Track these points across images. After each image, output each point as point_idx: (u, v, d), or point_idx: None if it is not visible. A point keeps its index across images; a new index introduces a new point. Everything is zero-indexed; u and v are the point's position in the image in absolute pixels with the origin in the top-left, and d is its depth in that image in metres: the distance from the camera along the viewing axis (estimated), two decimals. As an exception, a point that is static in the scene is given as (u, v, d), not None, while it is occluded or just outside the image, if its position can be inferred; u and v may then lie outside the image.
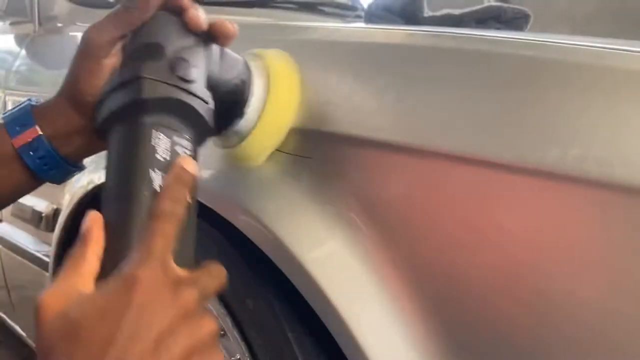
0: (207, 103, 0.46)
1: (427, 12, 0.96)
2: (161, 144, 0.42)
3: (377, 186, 0.53)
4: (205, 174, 0.65)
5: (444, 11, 0.95)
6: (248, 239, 0.60)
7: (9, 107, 1.15)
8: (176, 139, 0.43)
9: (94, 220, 0.40)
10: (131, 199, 0.40)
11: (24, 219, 1.12)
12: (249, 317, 0.62)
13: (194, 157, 0.45)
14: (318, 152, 0.57)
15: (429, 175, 0.49)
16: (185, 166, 0.41)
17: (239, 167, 0.63)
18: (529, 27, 0.99)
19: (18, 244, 1.17)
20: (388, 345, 0.52)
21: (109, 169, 0.43)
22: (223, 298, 0.65)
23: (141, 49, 0.46)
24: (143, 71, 0.44)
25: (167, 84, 0.44)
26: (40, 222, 1.07)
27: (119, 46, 0.47)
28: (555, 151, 0.42)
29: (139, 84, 0.43)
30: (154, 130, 0.43)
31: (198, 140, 0.46)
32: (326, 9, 1.45)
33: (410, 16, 0.95)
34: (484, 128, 0.46)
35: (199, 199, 0.65)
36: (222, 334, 0.69)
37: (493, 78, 0.48)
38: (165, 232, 0.38)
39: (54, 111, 0.50)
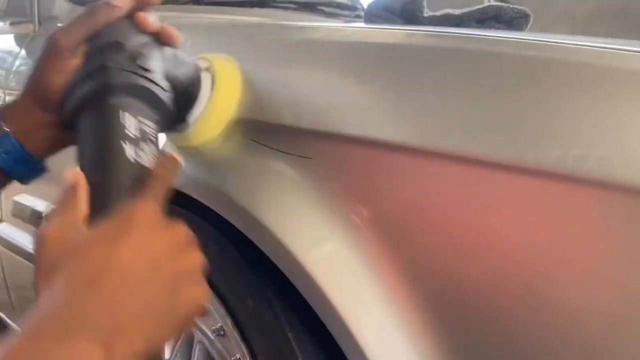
0: (166, 91, 0.52)
1: (427, 12, 0.96)
2: (129, 122, 0.48)
3: (377, 186, 0.53)
4: (205, 174, 0.65)
5: (444, 11, 0.94)
6: (248, 239, 0.60)
7: (9, 107, 1.15)
8: (141, 119, 0.49)
9: (78, 174, 0.43)
10: (108, 166, 0.46)
11: (24, 219, 1.12)
12: (249, 317, 0.62)
13: (157, 139, 0.51)
14: (318, 152, 0.57)
15: (429, 175, 0.49)
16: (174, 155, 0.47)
17: (239, 167, 0.63)
18: (529, 27, 0.99)
19: (18, 244, 1.17)
20: (388, 345, 0.52)
21: (83, 147, 0.48)
22: (223, 298, 0.65)
23: (103, 46, 0.51)
24: (107, 61, 0.49)
25: (130, 71, 0.50)
26: (40, 222, 1.07)
27: (82, 48, 0.51)
28: (556, 151, 0.42)
29: (105, 71, 0.49)
30: (121, 111, 0.48)
31: (161, 125, 0.51)
32: (326, 9, 1.45)
33: (410, 16, 0.95)
34: (484, 128, 0.46)
35: (200, 199, 0.65)
36: (222, 334, 0.69)
37: (493, 78, 0.48)
38: (158, 187, 0.44)
39: (19, 109, 0.53)
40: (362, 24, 1.11)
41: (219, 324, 0.69)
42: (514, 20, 0.96)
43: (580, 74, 0.44)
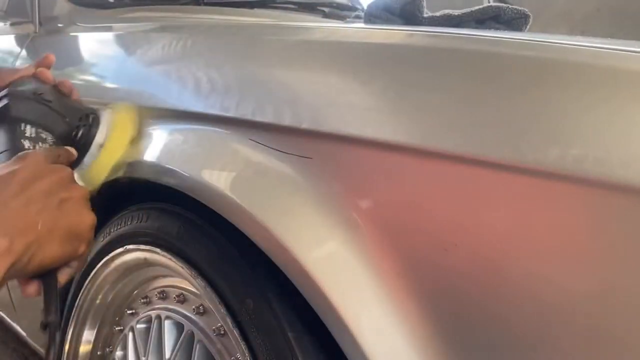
0: (64, 116, 0.69)
1: (427, 13, 0.96)
2: (29, 130, 0.65)
3: (377, 186, 0.53)
4: (205, 175, 0.65)
5: (444, 11, 0.95)
6: (248, 239, 0.60)
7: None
8: (39, 130, 0.66)
9: None
10: (14, 146, 0.63)
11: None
12: (249, 317, 0.62)
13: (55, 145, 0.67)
14: (318, 152, 0.57)
15: (429, 175, 0.49)
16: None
17: (239, 167, 0.64)
18: (528, 27, 0.99)
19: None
20: (388, 345, 0.52)
21: None
22: (223, 298, 0.65)
23: (12, 89, 0.69)
24: (14, 91, 0.68)
25: (31, 97, 0.68)
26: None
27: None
28: (555, 151, 0.42)
29: (12, 95, 0.67)
30: (23, 123, 0.65)
31: (61, 140, 0.68)
32: (326, 9, 1.45)
33: (410, 16, 0.95)
34: (484, 128, 0.46)
35: (200, 200, 0.66)
36: (222, 334, 0.69)
37: (493, 78, 0.48)
38: (52, 153, 0.61)
39: None
40: (362, 25, 1.11)
41: (219, 324, 0.69)
42: (514, 21, 0.96)
43: (580, 74, 0.45)
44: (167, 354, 0.79)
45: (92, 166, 0.72)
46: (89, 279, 0.87)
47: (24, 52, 1.20)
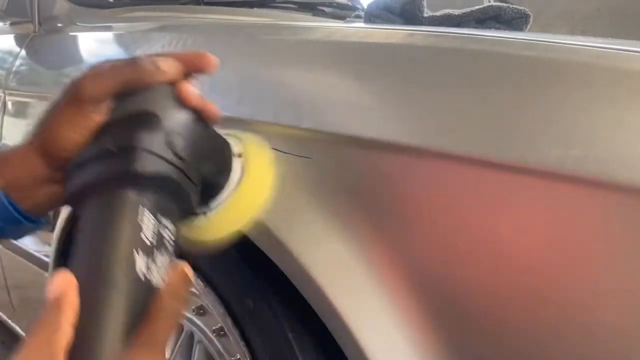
0: (196, 185, 0.43)
1: (427, 12, 0.96)
2: (147, 223, 0.39)
3: (377, 186, 0.53)
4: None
5: (444, 11, 0.95)
6: (248, 239, 0.60)
7: (9, 107, 1.15)
8: (162, 219, 0.40)
9: (68, 284, 0.35)
10: (111, 281, 0.36)
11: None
12: (249, 317, 0.62)
13: (176, 242, 0.41)
14: (318, 152, 0.57)
15: (429, 175, 0.49)
16: (186, 270, 0.39)
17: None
18: (528, 27, 0.99)
19: (18, 244, 1.17)
20: (388, 345, 0.52)
21: (82, 245, 0.38)
22: (223, 298, 0.65)
23: (135, 116, 0.41)
24: (139, 141, 0.39)
25: (165, 160, 0.40)
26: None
27: (109, 104, 0.42)
28: (556, 151, 0.42)
29: (134, 154, 0.39)
30: (140, 207, 0.39)
31: (178, 222, 0.43)
32: (326, 9, 1.45)
33: (410, 16, 0.95)
34: (484, 128, 0.46)
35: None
36: (222, 334, 0.69)
37: (493, 78, 0.48)
38: (166, 326, 0.37)
39: (19, 158, 0.45)
40: (362, 24, 1.11)
41: (219, 324, 0.69)
42: (514, 21, 0.96)
43: (581, 74, 0.44)
44: (167, 354, 0.79)
45: (221, 216, 0.49)
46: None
47: (23, 52, 1.20)
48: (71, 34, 1.13)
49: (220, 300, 0.65)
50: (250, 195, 0.50)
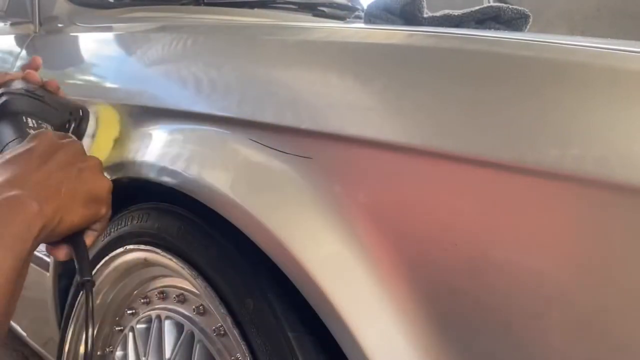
0: (56, 109, 0.76)
1: (427, 13, 0.96)
2: (30, 121, 0.71)
3: (377, 186, 0.53)
4: (205, 175, 0.65)
5: (444, 12, 0.95)
6: (248, 239, 0.60)
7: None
8: (40, 122, 0.72)
9: None
10: (21, 135, 0.68)
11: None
12: (249, 317, 0.62)
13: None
14: (318, 152, 0.57)
15: (429, 175, 0.49)
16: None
17: (239, 167, 0.64)
18: (528, 27, 0.99)
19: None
20: (389, 345, 0.52)
21: (1, 136, 0.69)
22: (223, 298, 0.65)
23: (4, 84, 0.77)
24: (8, 89, 0.75)
25: (26, 94, 0.74)
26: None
27: None
28: (555, 151, 0.42)
29: (8, 93, 0.74)
30: (24, 115, 0.71)
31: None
32: (326, 9, 1.45)
33: (410, 17, 0.95)
34: (484, 128, 0.46)
35: (200, 200, 0.66)
36: (222, 334, 0.69)
37: (493, 78, 0.48)
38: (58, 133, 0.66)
39: None
40: (362, 25, 1.11)
41: (219, 324, 0.69)
42: (514, 21, 0.96)
43: (580, 74, 0.45)
44: (167, 354, 0.79)
45: (93, 148, 0.78)
46: (89, 279, 0.87)
47: (24, 52, 1.20)
48: (71, 34, 1.13)
49: (220, 300, 0.65)
50: (101, 143, 0.80)
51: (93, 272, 0.85)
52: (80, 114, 0.79)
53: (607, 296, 0.41)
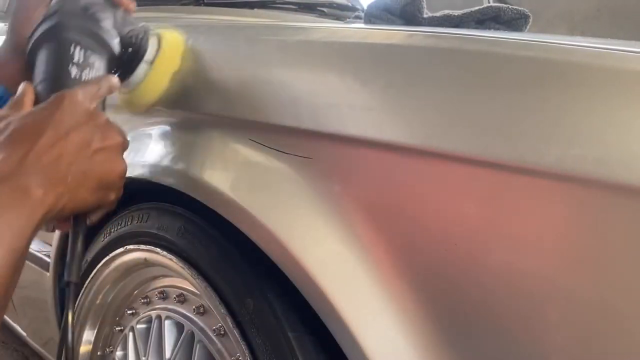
0: (113, 37, 0.64)
1: (427, 13, 0.96)
2: (78, 54, 0.61)
3: (377, 186, 0.53)
4: (206, 175, 0.65)
5: (444, 12, 0.94)
6: (248, 239, 0.61)
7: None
8: (88, 53, 0.61)
9: (28, 87, 0.58)
10: (55, 78, 0.60)
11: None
12: (249, 317, 0.62)
13: (102, 71, 0.62)
14: (318, 152, 0.57)
15: (429, 175, 0.49)
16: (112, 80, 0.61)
17: (239, 167, 0.64)
18: (528, 27, 0.99)
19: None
20: (388, 345, 0.52)
21: (38, 70, 0.61)
22: (223, 298, 0.65)
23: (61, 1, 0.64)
24: (63, 6, 0.62)
25: (82, 15, 0.63)
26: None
27: (46, 2, 0.65)
28: (555, 151, 0.42)
29: (60, 13, 0.62)
30: (73, 43, 0.61)
31: (107, 65, 0.63)
32: (326, 9, 1.45)
33: (410, 17, 0.95)
34: (484, 128, 0.46)
35: (200, 200, 0.66)
36: (222, 334, 0.69)
37: (493, 78, 0.48)
38: (90, 87, 0.58)
39: (3, 57, 0.67)
40: (362, 25, 1.11)
41: (219, 324, 0.69)
42: (514, 21, 0.96)
43: (580, 74, 0.45)
44: (167, 354, 0.79)
45: (139, 88, 0.68)
46: (89, 279, 0.87)
47: (24, 52, 1.19)
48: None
49: (220, 300, 0.65)
50: (159, 72, 0.69)
51: (93, 272, 0.85)
52: (141, 37, 0.68)
53: (607, 296, 0.41)
